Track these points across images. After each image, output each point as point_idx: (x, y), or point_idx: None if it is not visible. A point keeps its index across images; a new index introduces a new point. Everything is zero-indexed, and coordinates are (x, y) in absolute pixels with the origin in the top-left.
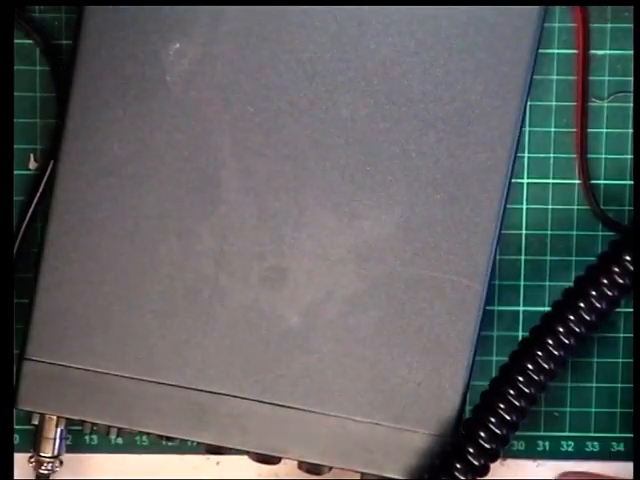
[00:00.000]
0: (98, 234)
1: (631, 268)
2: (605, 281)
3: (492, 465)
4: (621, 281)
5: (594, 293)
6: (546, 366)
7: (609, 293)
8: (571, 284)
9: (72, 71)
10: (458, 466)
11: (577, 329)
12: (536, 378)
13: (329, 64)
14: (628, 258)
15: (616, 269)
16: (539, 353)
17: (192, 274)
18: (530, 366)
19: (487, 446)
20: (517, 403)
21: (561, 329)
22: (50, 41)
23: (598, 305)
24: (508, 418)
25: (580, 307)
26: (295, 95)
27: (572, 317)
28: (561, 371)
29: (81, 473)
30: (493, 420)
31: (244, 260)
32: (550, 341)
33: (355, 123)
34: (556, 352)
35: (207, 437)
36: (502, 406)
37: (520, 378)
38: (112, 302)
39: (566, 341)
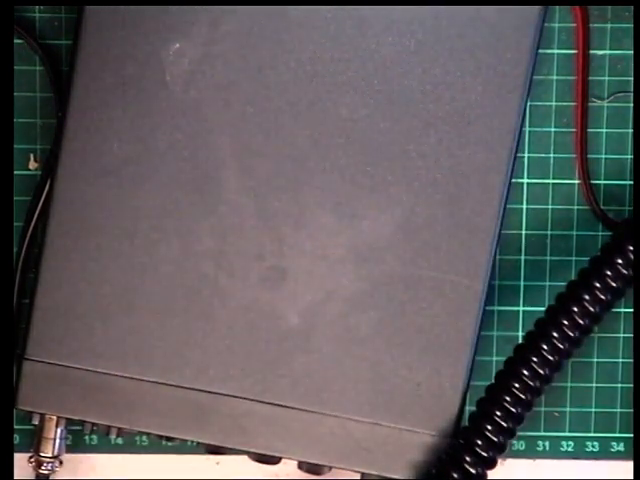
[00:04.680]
0: (98, 234)
1: (628, 272)
2: (605, 277)
3: None
4: (625, 272)
5: (587, 297)
6: (561, 345)
7: (613, 284)
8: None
9: (72, 71)
10: (455, 475)
11: (581, 322)
12: (541, 372)
13: (329, 64)
14: (631, 248)
15: (619, 260)
16: (557, 331)
17: (192, 274)
18: (535, 359)
19: (484, 454)
20: (514, 410)
21: (565, 322)
22: (50, 48)
23: (602, 297)
24: (504, 425)
25: (584, 299)
26: (295, 95)
27: (576, 309)
28: (574, 350)
29: (81, 473)
30: (490, 427)
31: (244, 260)
32: (555, 334)
33: (355, 123)
34: (561, 345)
35: (207, 437)
36: (499, 413)
37: (525, 372)
38: (112, 302)
39: (571, 334)
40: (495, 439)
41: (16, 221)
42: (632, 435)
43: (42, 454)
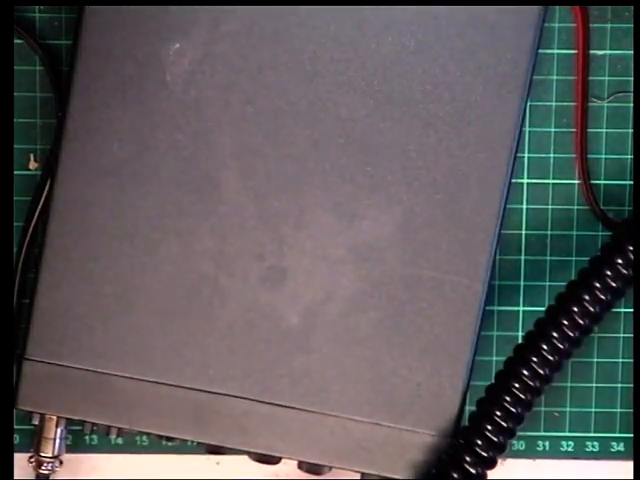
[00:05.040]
0: (98, 234)
1: (628, 272)
2: (605, 277)
3: None
4: (625, 272)
5: (587, 297)
6: (561, 345)
7: (612, 284)
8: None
9: (72, 71)
10: (455, 475)
11: (581, 322)
12: (541, 372)
13: (329, 64)
14: (631, 248)
15: (619, 260)
16: (557, 331)
17: (192, 274)
18: (535, 359)
19: (484, 454)
20: (514, 410)
21: (565, 322)
22: (50, 48)
23: (602, 297)
24: (504, 425)
25: (584, 299)
26: (295, 95)
27: (576, 309)
28: (574, 350)
29: (81, 473)
30: (490, 427)
31: (244, 260)
32: (555, 334)
33: (355, 123)
34: (561, 345)
35: (207, 437)
36: (499, 413)
37: (525, 372)
38: (112, 302)
39: (571, 334)
40: (495, 439)
41: (16, 221)
42: (632, 435)
43: (42, 454)
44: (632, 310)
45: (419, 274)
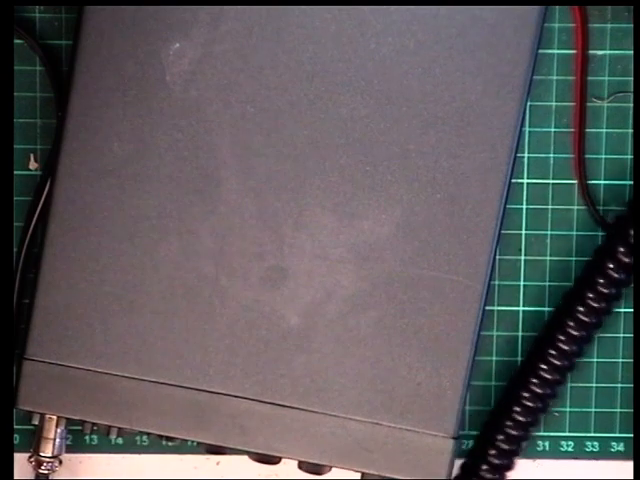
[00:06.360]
0: (98, 234)
1: (619, 276)
2: (604, 279)
3: None
4: (623, 272)
5: (590, 293)
6: (574, 342)
7: (608, 291)
8: (571, 284)
9: (72, 71)
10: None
11: (587, 320)
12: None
13: (329, 64)
14: (626, 246)
15: (617, 260)
16: (570, 322)
17: (192, 274)
18: (550, 354)
19: (496, 462)
20: (523, 419)
21: (571, 323)
22: (50, 48)
23: (604, 294)
24: (515, 433)
25: (589, 297)
26: (295, 95)
27: (580, 308)
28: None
29: (81, 473)
30: (500, 437)
31: (244, 260)
32: (561, 337)
33: (355, 123)
34: (571, 342)
35: (207, 437)
36: (508, 424)
37: (534, 380)
38: (112, 302)
39: (576, 334)
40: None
41: (16, 221)
42: (632, 435)
43: (42, 454)
44: (632, 310)
45: (419, 274)
